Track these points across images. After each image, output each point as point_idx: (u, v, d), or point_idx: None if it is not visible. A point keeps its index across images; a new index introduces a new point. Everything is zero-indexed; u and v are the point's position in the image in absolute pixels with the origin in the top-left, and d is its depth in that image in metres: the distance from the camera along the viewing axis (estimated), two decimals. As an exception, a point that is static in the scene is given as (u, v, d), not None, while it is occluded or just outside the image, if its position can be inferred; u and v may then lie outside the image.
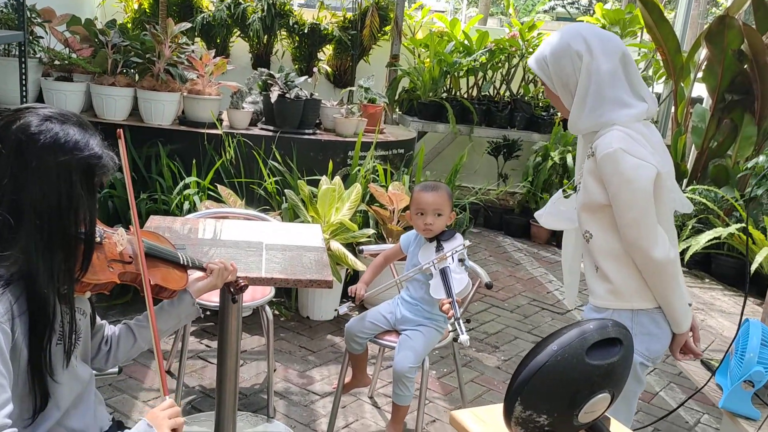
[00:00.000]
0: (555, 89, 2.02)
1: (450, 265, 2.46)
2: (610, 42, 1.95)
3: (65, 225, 1.43)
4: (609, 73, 1.92)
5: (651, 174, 1.85)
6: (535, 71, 2.04)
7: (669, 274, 1.88)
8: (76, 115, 1.51)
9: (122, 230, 1.67)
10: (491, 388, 3.43)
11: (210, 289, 1.88)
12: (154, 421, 1.51)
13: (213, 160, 4.06)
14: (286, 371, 3.37)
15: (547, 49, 1.99)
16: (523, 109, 6.53)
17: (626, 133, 1.88)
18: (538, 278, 5.17)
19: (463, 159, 4.71)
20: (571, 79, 1.96)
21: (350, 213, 3.90)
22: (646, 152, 1.86)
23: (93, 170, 1.46)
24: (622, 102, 1.92)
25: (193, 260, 1.87)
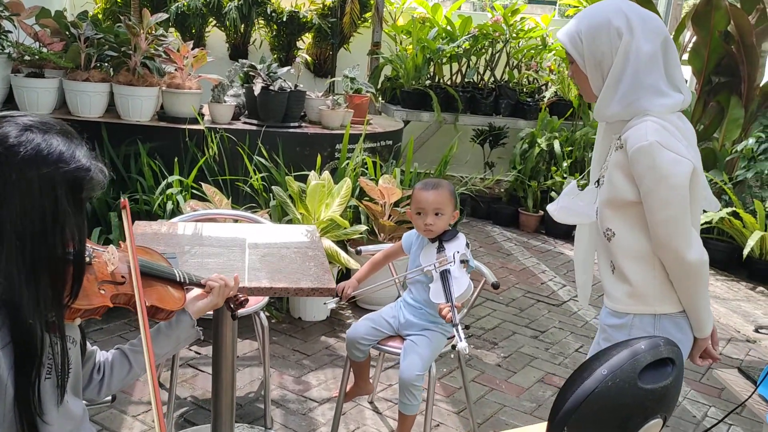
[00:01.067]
0: (585, 68, 1.83)
1: (451, 267, 2.34)
2: (653, 23, 1.79)
3: (51, 245, 1.28)
4: (649, 56, 1.76)
5: (688, 170, 1.72)
6: (566, 46, 1.84)
7: (700, 277, 1.77)
8: (60, 123, 1.35)
9: (113, 248, 1.52)
10: (494, 387, 3.33)
11: (210, 308, 1.73)
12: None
13: (195, 158, 3.89)
14: (281, 377, 3.23)
15: (582, 23, 1.81)
16: (508, 96, 6.42)
17: (661, 125, 1.74)
18: (531, 269, 5.08)
19: (453, 149, 4.59)
20: (606, 58, 1.79)
21: (341, 209, 3.76)
22: (681, 146, 1.73)
23: (80, 184, 1.31)
24: (658, 90, 1.77)
25: (191, 276, 1.73)
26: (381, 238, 4.03)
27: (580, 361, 3.66)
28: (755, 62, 5.63)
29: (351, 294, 2.52)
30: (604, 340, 1.93)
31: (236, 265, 2.24)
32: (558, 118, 6.19)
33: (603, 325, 1.93)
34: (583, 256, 2.15)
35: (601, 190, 1.89)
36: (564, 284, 4.83)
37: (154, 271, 1.62)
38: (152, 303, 1.54)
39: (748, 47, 5.56)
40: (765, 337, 4.21)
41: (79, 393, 1.51)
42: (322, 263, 2.33)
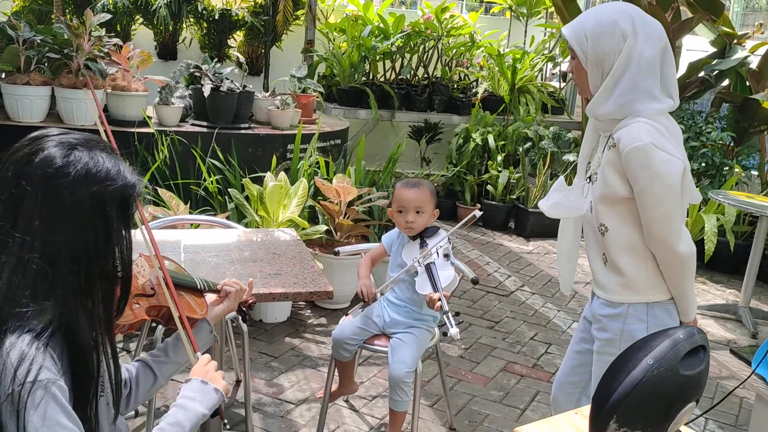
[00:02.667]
0: (586, 65, 1.91)
1: (435, 260, 2.41)
2: (657, 29, 1.88)
3: (104, 266, 1.26)
4: (649, 61, 1.85)
5: (679, 169, 1.85)
6: (570, 42, 1.91)
7: (689, 267, 1.91)
8: (100, 138, 1.32)
9: (142, 259, 1.50)
10: (460, 378, 3.43)
11: (227, 313, 1.73)
12: (206, 376, 1.46)
13: (146, 162, 3.80)
14: (252, 381, 3.21)
15: (589, 22, 1.89)
16: (441, 92, 6.55)
17: (653, 126, 1.85)
18: (476, 261, 5.23)
19: (401, 147, 4.66)
20: (608, 59, 1.87)
21: (299, 209, 3.76)
22: (671, 146, 1.86)
23: (128, 200, 1.29)
24: (653, 95, 1.87)
25: (208, 283, 1.72)
26: (338, 237, 4.05)
27: (538, 348, 3.84)
28: (673, 58, 5.97)
29: (376, 293, 2.47)
30: (599, 330, 2.04)
31: (227, 273, 2.22)
32: (491, 113, 6.37)
33: (597, 316, 2.04)
34: (568, 248, 2.25)
35: (595, 187, 2.00)
36: (509, 275, 4.99)
37: (177, 280, 1.60)
38: (182, 312, 1.53)
39: (667, 44, 5.89)
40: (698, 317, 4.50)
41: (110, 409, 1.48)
42: (312, 266, 2.35)
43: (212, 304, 1.72)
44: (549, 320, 4.24)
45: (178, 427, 1.38)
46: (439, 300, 2.22)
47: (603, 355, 2.05)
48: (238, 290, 1.73)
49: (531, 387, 3.41)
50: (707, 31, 6.49)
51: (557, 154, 6.12)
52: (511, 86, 6.45)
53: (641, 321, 1.97)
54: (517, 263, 5.28)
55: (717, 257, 5.07)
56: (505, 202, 6.05)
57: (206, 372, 1.45)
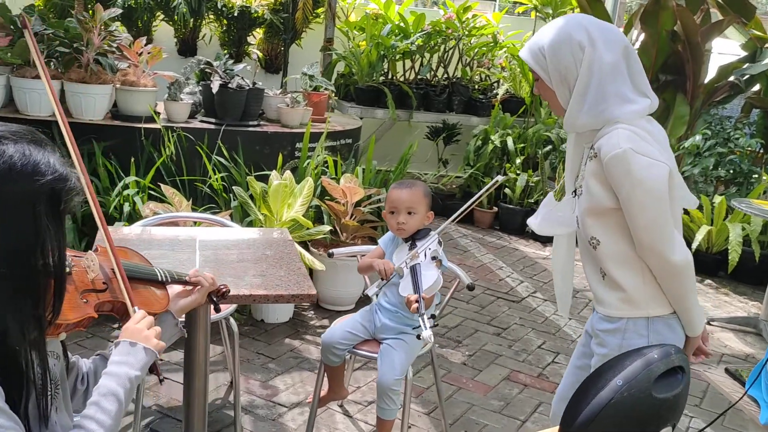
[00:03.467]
0: (551, 83, 1.88)
1: (421, 261, 2.33)
2: (612, 33, 1.84)
3: (32, 267, 1.19)
4: (611, 65, 1.80)
5: (664, 172, 1.76)
6: (529, 63, 1.89)
7: (687, 277, 1.81)
8: (29, 129, 1.25)
9: (92, 254, 1.45)
10: (461, 386, 3.34)
11: (194, 305, 1.68)
12: (135, 336, 1.42)
13: (152, 157, 3.78)
14: (247, 382, 3.17)
15: (544, 39, 1.85)
16: (460, 93, 6.46)
17: (632, 131, 1.78)
18: (488, 265, 5.13)
19: (412, 148, 4.58)
20: (570, 72, 1.83)
21: (303, 209, 3.71)
22: (654, 150, 1.77)
23: (59, 195, 1.21)
24: (625, 97, 1.81)
25: (172, 274, 1.66)
26: (344, 238, 3.99)
27: (544, 357, 3.73)
28: (700, 61, 5.80)
29: (394, 269, 2.36)
30: (597, 345, 1.95)
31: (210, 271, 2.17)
32: (510, 115, 6.26)
33: (595, 330, 1.95)
34: (562, 266, 2.17)
35: (580, 200, 1.91)
36: (522, 280, 4.89)
37: (134, 272, 1.55)
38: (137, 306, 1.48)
39: (694, 46, 5.73)
40: (717, 329, 4.36)
41: (68, 408, 1.44)
42: (299, 268, 2.29)
43: (178, 295, 1.67)
44: (559, 328, 4.13)
45: (112, 397, 1.33)
46: (416, 302, 2.14)
47: (598, 370, 1.96)
48: (208, 283, 1.68)
49: (534, 397, 3.31)
50: (738, 35, 6.30)
51: (578, 158, 5.98)
52: (532, 88, 6.32)
53: (641, 336, 1.88)
54: (531, 269, 5.17)
55: (741, 268, 4.90)
56: (522, 205, 5.94)
57: (135, 332, 1.41)
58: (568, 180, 2.06)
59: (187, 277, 1.68)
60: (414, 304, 2.14)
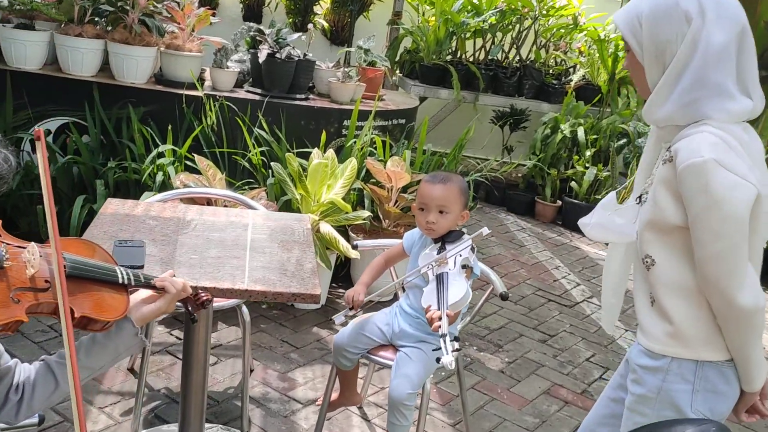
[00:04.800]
0: (642, 58, 1.55)
1: (450, 270, 2.06)
2: (730, 7, 1.49)
3: None
4: (721, 47, 1.46)
5: (749, 196, 1.43)
6: (621, 30, 1.57)
7: (754, 325, 1.49)
8: None
9: (34, 245, 1.26)
10: (494, 397, 3.07)
11: (158, 314, 1.47)
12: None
13: (192, 126, 3.62)
14: (265, 371, 2.99)
15: (644, 4, 1.53)
16: (532, 77, 6.08)
17: (721, 137, 1.45)
18: (544, 263, 4.80)
19: (469, 132, 4.28)
20: (669, 47, 1.50)
21: (344, 191, 3.48)
22: (744, 166, 1.43)
23: None
24: (725, 91, 1.48)
25: (137, 276, 1.46)
26: (385, 225, 3.76)
27: (592, 372, 3.41)
28: (802, 57, 5.24)
29: (363, 301, 2.24)
30: (633, 382, 1.66)
31: (210, 259, 1.98)
32: (584, 103, 5.85)
33: (633, 365, 1.66)
34: (614, 278, 1.87)
35: (643, 209, 1.61)
36: (578, 283, 4.54)
37: (90, 271, 1.35)
38: (84, 312, 1.28)
39: (796, 40, 5.17)
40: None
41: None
42: (310, 263, 2.07)
43: (142, 302, 1.47)
44: (612, 341, 3.79)
45: None
46: (439, 320, 1.88)
47: (634, 414, 1.67)
48: (179, 290, 1.47)
49: (573, 417, 3.01)
50: None
51: (653, 155, 5.54)
52: (610, 75, 5.89)
53: (685, 381, 1.57)
54: (591, 271, 4.81)
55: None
56: (588, 201, 5.55)
57: None
58: (638, 182, 1.75)
59: (153, 280, 1.47)
60: (436, 322, 1.89)
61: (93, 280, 1.36)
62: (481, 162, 5.35)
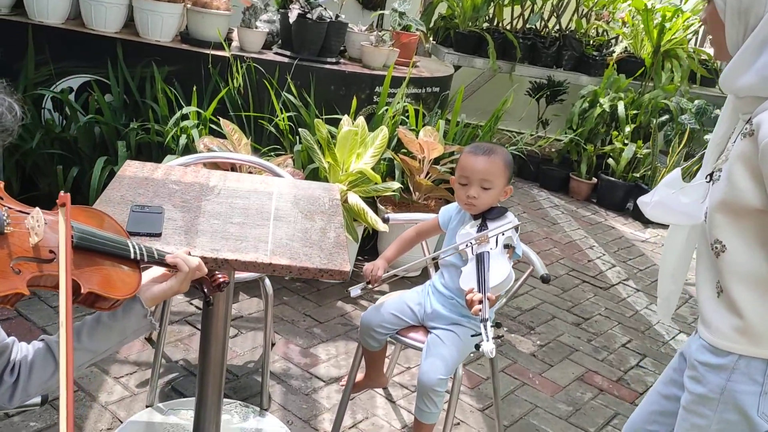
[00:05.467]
0: (723, 14, 1.38)
1: (491, 250, 1.91)
2: None
3: None
4: None
5: None
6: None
7: None
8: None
9: (38, 211, 1.12)
10: (525, 382, 2.93)
11: (171, 294, 1.33)
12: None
13: (217, 88, 3.47)
14: (286, 346, 2.87)
15: None
16: (572, 47, 5.83)
17: None
18: (578, 242, 4.61)
19: (506, 103, 4.08)
20: (755, 6, 1.32)
21: (373, 161, 3.32)
22: None
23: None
24: None
25: (150, 251, 1.32)
26: (415, 197, 3.60)
27: (628, 359, 3.25)
28: None
29: (382, 277, 2.10)
30: (692, 380, 1.50)
31: (232, 229, 1.84)
32: (626, 77, 5.60)
33: (693, 361, 1.50)
34: (674, 264, 1.70)
35: (715, 188, 1.43)
36: (613, 264, 4.36)
37: (99, 243, 1.21)
38: (92, 288, 1.15)
39: None
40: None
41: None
42: (338, 236, 1.92)
43: (154, 280, 1.33)
44: (650, 326, 3.62)
45: None
46: (480, 303, 1.73)
47: (692, 414, 1.51)
48: (193, 269, 1.32)
49: (609, 406, 2.86)
50: None
51: (698, 132, 5.30)
52: (655, 48, 5.62)
53: (753, 382, 1.41)
54: (627, 252, 4.62)
55: None
56: (626, 179, 5.34)
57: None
58: (708, 158, 1.57)
59: (167, 257, 1.33)
60: (476, 305, 1.74)
61: (103, 253, 1.22)
62: (516, 135, 5.15)
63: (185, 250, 1.37)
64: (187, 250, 1.37)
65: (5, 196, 1.11)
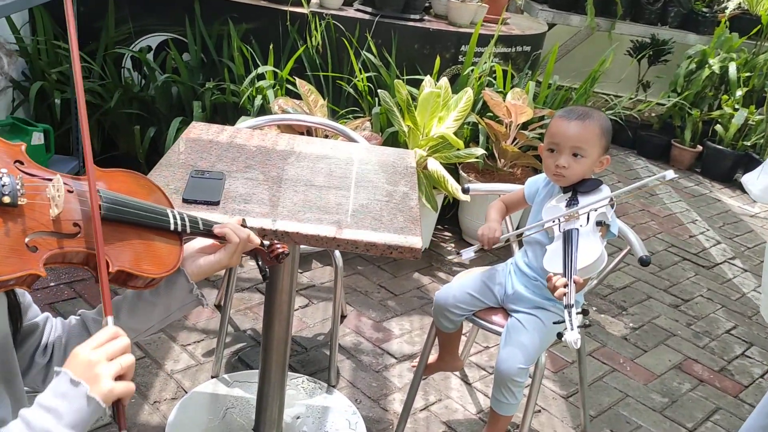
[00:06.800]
0: None
1: (581, 227, 1.69)
2: None
3: None
4: None
5: None
6: None
7: None
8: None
9: (59, 179, 0.99)
10: (615, 368, 2.69)
11: (220, 268, 1.18)
12: (81, 370, 0.88)
13: (295, 46, 3.33)
14: (358, 319, 2.74)
15: None
16: (679, 3, 5.36)
17: None
18: (678, 216, 4.26)
19: (604, 64, 3.76)
20: None
21: (456, 125, 3.11)
22: None
23: None
24: None
25: (195, 222, 1.16)
26: (500, 165, 3.37)
27: (732, 347, 2.95)
28: None
29: (500, 240, 1.88)
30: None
31: (296, 198, 1.69)
32: (739, 35, 5.10)
33: None
34: None
35: None
36: (718, 241, 4.00)
37: (133, 213, 1.07)
38: (122, 266, 1.01)
39: None
40: None
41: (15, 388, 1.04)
42: (412, 209, 1.74)
43: (200, 252, 1.18)
44: (758, 311, 3.28)
45: None
46: (565, 287, 1.52)
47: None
48: (244, 239, 1.18)
49: (709, 399, 2.59)
50: None
51: (820, 98, 4.78)
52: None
53: None
54: (734, 227, 4.23)
55: None
56: (735, 148, 4.89)
57: (83, 365, 0.88)
58: None
59: (215, 227, 1.18)
60: (561, 289, 1.54)
61: (137, 225, 1.08)
62: (613, 99, 4.79)
63: (237, 219, 1.22)
64: (239, 220, 1.22)
65: (27, 161, 0.99)
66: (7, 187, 0.90)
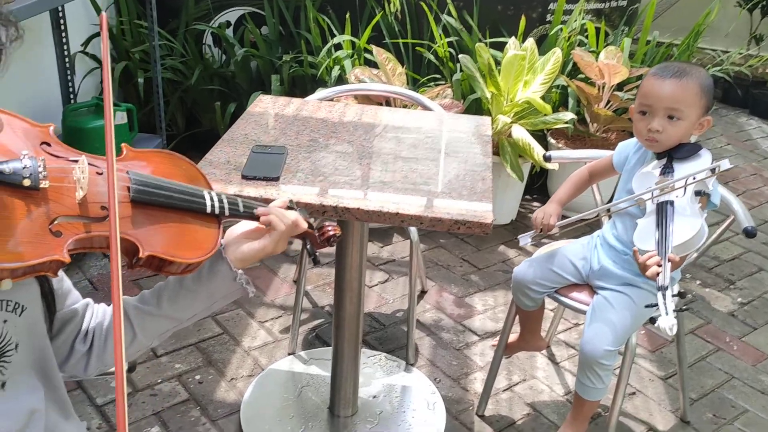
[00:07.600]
0: None
1: (676, 198, 1.51)
2: None
3: None
4: None
5: None
6: None
7: None
8: None
9: (85, 160, 0.93)
10: (720, 347, 2.48)
11: (264, 254, 1.09)
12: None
13: (372, 14, 3.22)
14: (439, 294, 2.65)
15: None
16: (798, -55, 4.85)
17: None
18: (794, 179, 3.89)
19: (709, 16, 3.44)
20: None
21: (543, 89, 2.92)
22: None
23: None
24: None
25: (234, 204, 1.07)
26: (592, 130, 3.15)
27: None
28: None
29: (555, 226, 1.78)
30: None
31: (358, 173, 1.60)
32: None
33: None
34: None
35: None
36: (842, 206, 3.62)
37: (165, 195, 1.00)
38: (154, 251, 0.95)
39: None
40: None
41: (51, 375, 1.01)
42: (483, 180, 1.62)
43: (243, 237, 1.09)
44: None
45: None
46: (659, 266, 1.37)
47: None
48: (290, 225, 1.08)
49: (829, 383, 2.34)
50: None
51: None
52: None
53: None
54: None
55: None
56: None
57: None
58: None
59: (257, 210, 1.09)
60: (655, 268, 1.38)
61: (170, 207, 1.01)
62: (720, 54, 4.41)
63: (283, 201, 1.13)
64: (285, 201, 1.13)
65: (54, 142, 0.94)
66: (28, 169, 0.85)
